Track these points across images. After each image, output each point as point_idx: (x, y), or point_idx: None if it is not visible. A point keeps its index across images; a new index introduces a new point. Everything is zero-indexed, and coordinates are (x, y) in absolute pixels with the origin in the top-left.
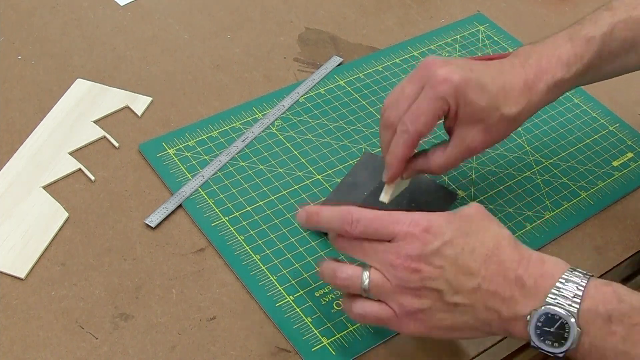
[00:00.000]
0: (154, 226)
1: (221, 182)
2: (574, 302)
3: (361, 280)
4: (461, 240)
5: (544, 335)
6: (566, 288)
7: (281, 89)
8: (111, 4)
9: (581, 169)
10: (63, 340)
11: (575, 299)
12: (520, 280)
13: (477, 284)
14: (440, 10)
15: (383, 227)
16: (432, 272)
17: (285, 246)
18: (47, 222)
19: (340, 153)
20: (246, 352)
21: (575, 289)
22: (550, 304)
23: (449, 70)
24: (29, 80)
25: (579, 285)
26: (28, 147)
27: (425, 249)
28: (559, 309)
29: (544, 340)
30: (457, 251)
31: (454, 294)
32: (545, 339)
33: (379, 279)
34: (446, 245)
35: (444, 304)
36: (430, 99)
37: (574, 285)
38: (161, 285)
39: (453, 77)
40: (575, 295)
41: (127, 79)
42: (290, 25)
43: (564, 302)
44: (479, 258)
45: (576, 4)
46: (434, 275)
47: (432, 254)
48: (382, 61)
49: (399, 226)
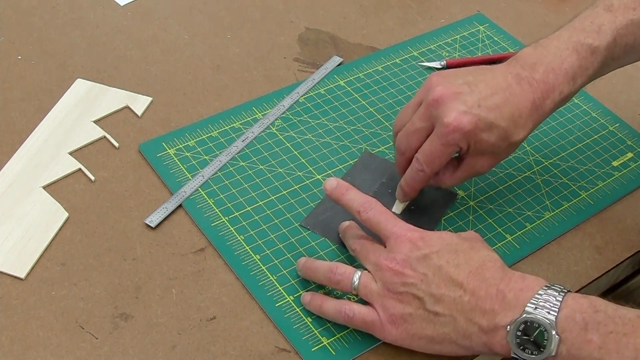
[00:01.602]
0: (154, 226)
1: (221, 182)
2: (552, 310)
3: (352, 280)
4: (448, 254)
5: (523, 344)
6: (545, 298)
7: (281, 89)
8: (111, 4)
9: (581, 169)
10: (63, 340)
11: (554, 308)
12: (502, 294)
13: (459, 296)
14: (440, 10)
15: (383, 222)
16: (414, 278)
17: (285, 246)
18: (47, 222)
19: (340, 153)
20: (246, 352)
21: (554, 299)
22: (529, 312)
23: (457, 114)
24: (29, 80)
25: (557, 296)
26: (28, 147)
27: (411, 255)
28: (538, 316)
29: (523, 350)
30: (442, 262)
31: (434, 303)
32: (525, 347)
33: (368, 281)
34: (432, 255)
35: (425, 311)
36: (442, 145)
37: (552, 296)
38: (161, 285)
39: (462, 124)
40: (554, 305)
41: (127, 79)
42: (290, 25)
43: (543, 311)
44: (463, 272)
45: (576, 4)
46: (416, 281)
47: (417, 260)
48: (382, 61)
49: (396, 228)
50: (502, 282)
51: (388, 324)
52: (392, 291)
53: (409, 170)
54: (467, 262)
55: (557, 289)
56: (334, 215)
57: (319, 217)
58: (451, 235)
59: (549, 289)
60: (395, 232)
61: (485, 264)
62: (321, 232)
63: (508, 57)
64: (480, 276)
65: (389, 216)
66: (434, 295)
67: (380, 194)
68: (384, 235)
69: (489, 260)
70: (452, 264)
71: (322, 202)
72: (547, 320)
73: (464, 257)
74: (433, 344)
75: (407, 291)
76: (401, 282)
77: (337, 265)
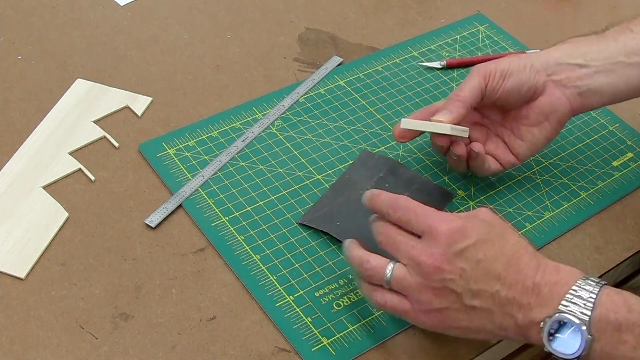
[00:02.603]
0: (154, 226)
1: (221, 182)
2: (585, 309)
3: (384, 273)
4: (484, 245)
5: (556, 342)
6: (579, 294)
7: (281, 89)
8: (111, 4)
9: (581, 169)
10: (63, 340)
11: (587, 307)
12: (537, 288)
13: (496, 290)
14: (440, 10)
15: (416, 218)
16: (453, 273)
17: (285, 246)
18: (47, 222)
19: (340, 153)
20: (246, 352)
21: (588, 296)
22: (562, 311)
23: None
24: (29, 80)
25: (591, 294)
26: (28, 147)
27: (448, 249)
28: (570, 316)
29: (557, 347)
30: (480, 256)
31: (472, 297)
32: (558, 345)
33: (402, 274)
34: (470, 248)
35: (462, 306)
36: None
37: (587, 293)
38: (161, 285)
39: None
40: (587, 304)
41: (127, 79)
42: (290, 25)
43: (576, 310)
44: (500, 264)
45: (576, 4)
46: (454, 276)
47: (454, 255)
48: (382, 61)
49: (429, 220)
50: (538, 273)
51: (422, 315)
52: (429, 286)
53: None
54: (502, 252)
55: (591, 283)
56: (332, 210)
57: (316, 213)
58: (481, 222)
59: (583, 283)
60: (429, 225)
61: (518, 251)
62: (320, 226)
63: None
64: (517, 267)
65: (419, 209)
66: (472, 290)
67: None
68: (419, 230)
69: (521, 247)
70: (489, 256)
71: (320, 200)
72: (580, 321)
73: (499, 246)
74: (468, 333)
75: (445, 286)
76: (440, 277)
77: (368, 259)
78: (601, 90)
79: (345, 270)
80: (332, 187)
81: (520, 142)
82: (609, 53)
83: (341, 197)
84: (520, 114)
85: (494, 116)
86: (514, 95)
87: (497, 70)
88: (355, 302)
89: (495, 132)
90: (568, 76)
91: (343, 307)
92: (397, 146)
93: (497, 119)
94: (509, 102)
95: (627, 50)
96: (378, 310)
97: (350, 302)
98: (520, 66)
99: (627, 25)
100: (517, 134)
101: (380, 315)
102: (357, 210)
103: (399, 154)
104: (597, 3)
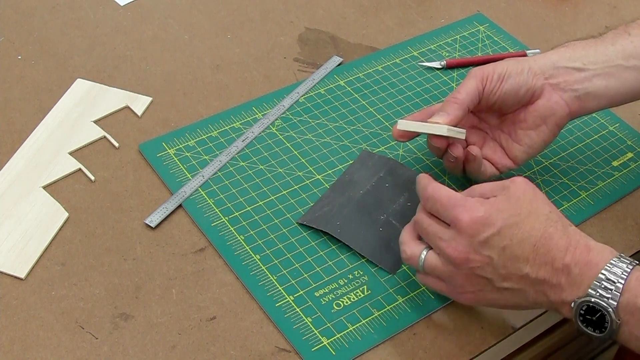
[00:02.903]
0: (154, 226)
1: (221, 182)
2: (614, 295)
3: (417, 262)
4: (510, 230)
5: (586, 322)
6: (608, 278)
7: (281, 89)
8: (111, 4)
9: (581, 169)
10: (63, 340)
11: (615, 292)
12: (567, 269)
13: (526, 273)
14: (440, 10)
15: (444, 209)
16: (480, 262)
17: (285, 246)
18: (47, 222)
19: (340, 153)
20: (246, 352)
21: (617, 279)
22: (591, 295)
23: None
24: (29, 80)
25: (620, 277)
26: (28, 147)
27: (473, 241)
28: (599, 300)
29: (586, 326)
30: (506, 242)
31: (503, 281)
32: (588, 325)
33: (434, 262)
34: (495, 236)
35: (494, 288)
36: None
37: (616, 277)
38: (161, 285)
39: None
40: (616, 287)
41: (127, 79)
42: (290, 25)
43: (605, 294)
44: (528, 247)
45: (576, 4)
46: (482, 265)
47: (480, 245)
48: (382, 61)
49: (456, 212)
50: (568, 253)
51: (458, 295)
52: (459, 273)
53: None
54: (530, 234)
55: (621, 265)
56: (332, 210)
57: (316, 213)
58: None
59: (613, 265)
60: (454, 216)
61: (547, 230)
62: (320, 226)
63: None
64: (546, 248)
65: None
66: (502, 275)
67: (377, 188)
68: (447, 220)
69: (550, 224)
70: (515, 241)
71: (320, 200)
72: (607, 306)
73: (527, 228)
74: (507, 307)
75: (474, 274)
76: (467, 267)
77: (404, 249)
78: (599, 93)
79: (345, 270)
80: (332, 187)
81: (518, 146)
82: (607, 57)
83: (341, 197)
84: (517, 118)
85: (492, 120)
86: (511, 98)
87: (494, 72)
88: (355, 302)
89: (492, 136)
90: (566, 80)
91: (343, 307)
92: (397, 146)
93: (494, 122)
94: (506, 105)
95: (625, 54)
96: (378, 310)
97: (350, 302)
98: (517, 69)
99: (625, 28)
100: (515, 138)
101: (380, 315)
102: (357, 210)
103: (399, 154)
104: (597, 3)
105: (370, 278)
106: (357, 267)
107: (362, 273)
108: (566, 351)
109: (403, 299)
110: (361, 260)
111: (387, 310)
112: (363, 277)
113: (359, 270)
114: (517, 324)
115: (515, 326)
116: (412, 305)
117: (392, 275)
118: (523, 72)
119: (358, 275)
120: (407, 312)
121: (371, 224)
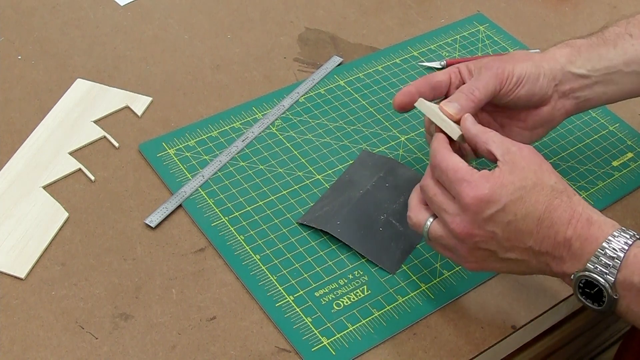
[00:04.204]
0: (154, 226)
1: (221, 182)
2: (611, 271)
3: (422, 231)
4: (514, 206)
5: (585, 295)
6: (607, 253)
7: (281, 89)
8: (111, 4)
9: (581, 169)
10: (63, 340)
11: (613, 268)
12: (568, 242)
13: (529, 246)
14: (440, 10)
15: (449, 182)
16: (483, 237)
17: (285, 246)
18: (47, 222)
19: (340, 153)
20: (246, 352)
21: (615, 255)
22: (590, 269)
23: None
24: (29, 80)
25: (619, 253)
26: (28, 147)
27: (477, 217)
28: (597, 276)
29: (585, 299)
30: (510, 217)
31: (506, 252)
32: (587, 297)
33: (438, 232)
34: (500, 212)
35: (498, 258)
36: None
37: (614, 252)
38: (161, 285)
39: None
40: (614, 264)
41: (127, 79)
42: (290, 25)
43: (603, 270)
44: (531, 221)
45: (576, 4)
46: (485, 239)
47: (484, 221)
48: (382, 61)
49: (460, 187)
50: (570, 226)
51: (463, 263)
52: (462, 246)
53: None
54: (534, 208)
55: (620, 240)
56: (332, 210)
57: (316, 213)
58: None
59: (613, 240)
60: (458, 192)
61: (552, 202)
62: (320, 226)
63: None
64: (549, 221)
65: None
66: (505, 247)
67: (377, 187)
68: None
69: (555, 197)
70: (520, 216)
71: (320, 200)
72: (605, 281)
73: (531, 202)
74: (511, 273)
75: (477, 247)
76: (471, 241)
77: (410, 214)
78: (597, 99)
79: (345, 270)
80: (332, 187)
81: None
82: (609, 62)
83: (341, 197)
84: (517, 116)
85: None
86: (522, 102)
87: (514, 75)
88: (355, 302)
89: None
90: (572, 87)
91: (343, 307)
92: (397, 146)
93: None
94: (514, 106)
95: (626, 59)
96: (378, 310)
97: (350, 302)
98: (535, 74)
99: (626, 27)
100: (508, 132)
101: (380, 315)
102: (357, 210)
103: (399, 154)
104: (597, 3)
105: (370, 278)
106: (357, 267)
107: (362, 273)
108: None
109: (403, 299)
110: (361, 260)
111: (387, 310)
112: (363, 277)
113: (359, 270)
114: (517, 324)
115: (515, 326)
116: (412, 305)
117: (392, 275)
118: (539, 79)
119: (358, 275)
120: (407, 312)
121: (371, 223)
